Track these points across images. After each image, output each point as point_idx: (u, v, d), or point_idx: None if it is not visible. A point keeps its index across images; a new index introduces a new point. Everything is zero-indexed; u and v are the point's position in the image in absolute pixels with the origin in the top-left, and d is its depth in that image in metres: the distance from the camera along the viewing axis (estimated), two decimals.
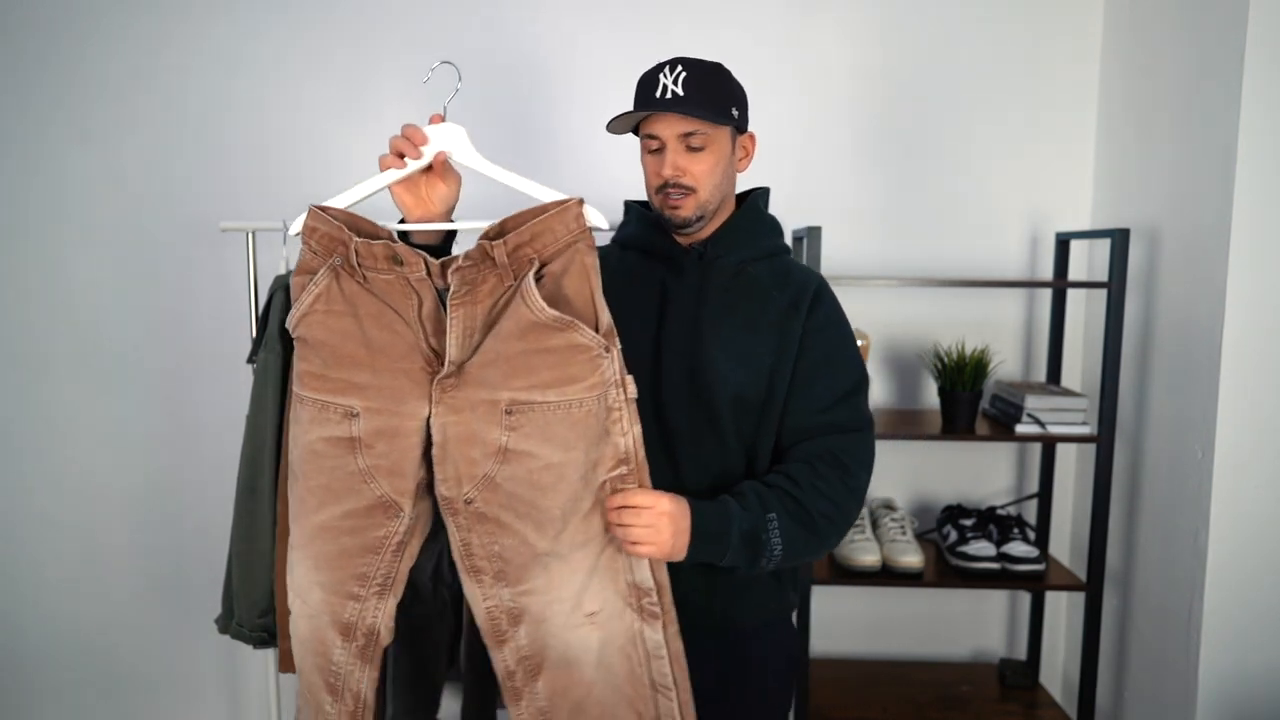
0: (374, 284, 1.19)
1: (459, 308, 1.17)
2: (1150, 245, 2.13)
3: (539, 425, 1.16)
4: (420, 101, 2.37)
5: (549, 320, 1.14)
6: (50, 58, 2.35)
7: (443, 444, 1.19)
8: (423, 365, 1.19)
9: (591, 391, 1.17)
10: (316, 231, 1.22)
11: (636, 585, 1.23)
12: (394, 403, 1.18)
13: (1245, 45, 1.77)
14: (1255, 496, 1.85)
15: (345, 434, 1.20)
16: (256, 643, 2.01)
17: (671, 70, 1.33)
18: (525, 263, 1.16)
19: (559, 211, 1.17)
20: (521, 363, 1.15)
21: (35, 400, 2.45)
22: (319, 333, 1.20)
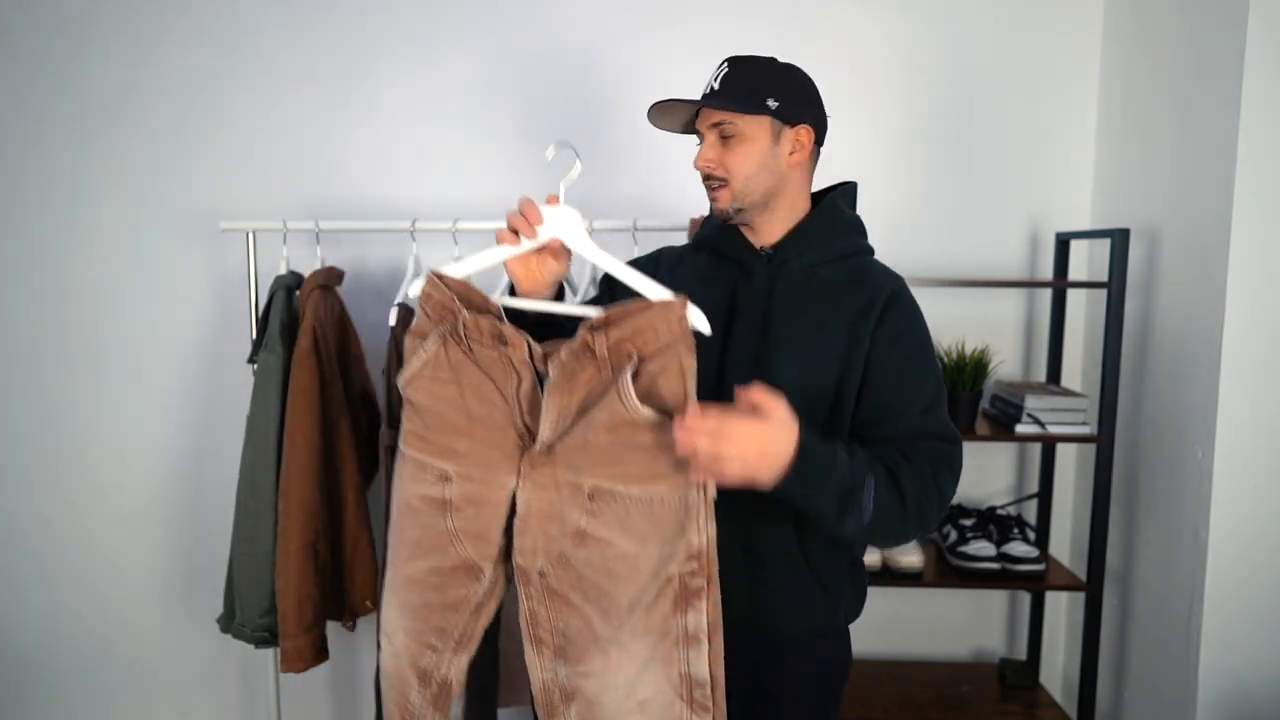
0: (478, 356, 1.24)
1: (555, 395, 1.20)
2: (1150, 245, 2.13)
3: (619, 515, 1.19)
4: (420, 101, 2.37)
5: (641, 419, 1.16)
6: (50, 57, 2.35)
7: (525, 516, 1.22)
8: (515, 439, 1.23)
9: (674, 490, 1.18)
10: (431, 298, 1.27)
11: (691, 677, 1.24)
12: (485, 471, 1.24)
13: (1245, 45, 1.77)
14: (1255, 496, 1.85)
15: (439, 495, 1.25)
16: (258, 642, 2.02)
17: (718, 68, 1.38)
18: (624, 356, 1.18)
19: (662, 310, 1.18)
20: (609, 453, 1.18)
21: (35, 400, 2.45)
22: (424, 397, 1.26)
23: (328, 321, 2.01)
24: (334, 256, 2.33)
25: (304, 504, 1.92)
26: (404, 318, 1.95)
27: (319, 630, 1.96)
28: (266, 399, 1.98)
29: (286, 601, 1.91)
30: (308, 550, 1.92)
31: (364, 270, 2.37)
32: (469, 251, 2.19)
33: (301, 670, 1.93)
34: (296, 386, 1.92)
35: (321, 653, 1.97)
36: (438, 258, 2.24)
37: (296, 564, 1.91)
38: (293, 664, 1.92)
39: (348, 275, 2.26)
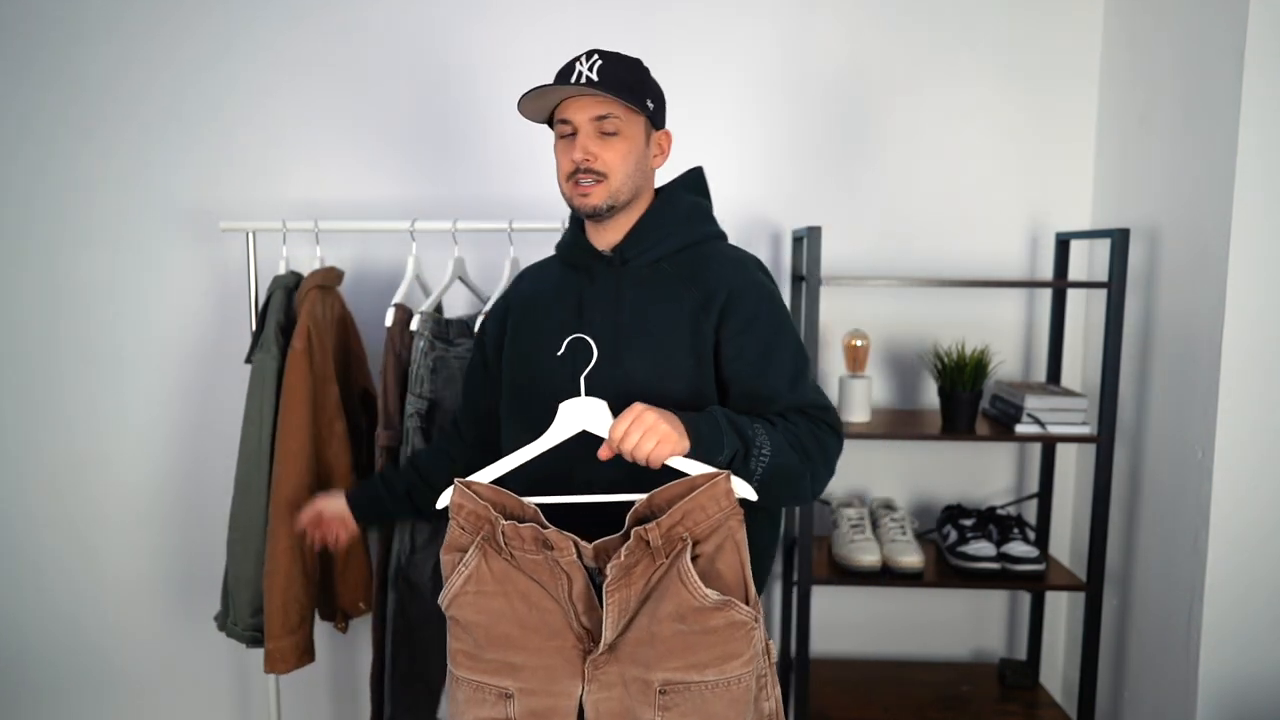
0: (522, 562, 1.20)
1: (615, 592, 1.17)
2: (1150, 245, 2.12)
3: (696, 704, 1.15)
4: (419, 101, 2.37)
5: (711, 604, 1.14)
6: (49, 57, 2.35)
7: (594, 719, 1.20)
8: (574, 642, 1.20)
9: (748, 666, 1.17)
10: (463, 509, 1.23)
11: None
12: (548, 683, 1.20)
13: (1245, 45, 1.77)
14: (1255, 496, 1.85)
15: (501, 715, 1.21)
16: (250, 642, 2.01)
17: (588, 59, 1.32)
18: (677, 541, 1.16)
19: (708, 488, 1.16)
20: (678, 643, 1.15)
21: (32, 400, 2.45)
22: (470, 614, 1.22)
23: (326, 322, 2.01)
24: (334, 256, 2.33)
25: (292, 504, 1.91)
26: (401, 319, 1.95)
27: (305, 632, 1.95)
28: (260, 399, 1.98)
29: (272, 603, 1.90)
30: (294, 551, 1.91)
31: (364, 270, 2.37)
32: (468, 251, 2.21)
33: (285, 671, 1.92)
34: (288, 388, 1.92)
35: (307, 654, 1.96)
36: (438, 258, 2.24)
37: (283, 565, 1.90)
38: (276, 665, 1.91)
39: (348, 275, 2.26)
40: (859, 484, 2.50)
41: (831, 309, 2.36)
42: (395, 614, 1.91)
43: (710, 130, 2.37)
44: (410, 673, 1.93)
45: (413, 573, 1.91)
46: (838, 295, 2.37)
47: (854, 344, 2.27)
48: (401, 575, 1.91)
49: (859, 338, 2.27)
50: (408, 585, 1.91)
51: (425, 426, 1.90)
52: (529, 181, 2.38)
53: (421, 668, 1.95)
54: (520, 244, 2.09)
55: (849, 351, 2.28)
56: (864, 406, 2.22)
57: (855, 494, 2.49)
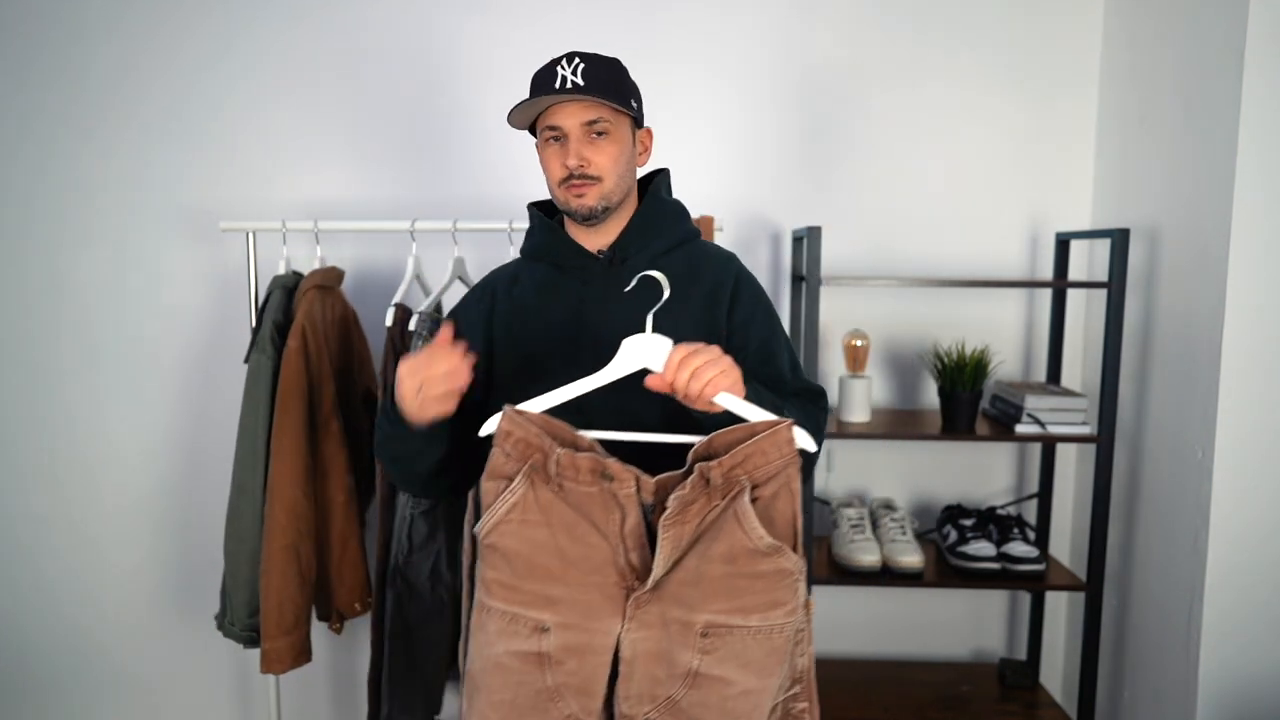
0: (571, 494, 1.18)
1: (670, 528, 1.15)
2: (1150, 245, 2.12)
3: (736, 649, 1.14)
4: (418, 101, 2.37)
5: (765, 547, 1.13)
6: (49, 57, 2.35)
7: (630, 660, 1.17)
8: (617, 579, 1.18)
9: (790, 616, 1.16)
10: (511, 435, 1.19)
11: None
12: (586, 618, 1.17)
13: (1245, 45, 1.77)
14: (1255, 496, 1.85)
15: (534, 649, 1.17)
16: (246, 642, 2.01)
17: (569, 62, 1.31)
18: (735, 483, 1.15)
19: (770, 435, 1.15)
20: (725, 585, 1.14)
21: (35, 400, 2.45)
22: (512, 543, 1.18)
23: (325, 322, 2.01)
24: (334, 256, 2.33)
25: (287, 505, 1.91)
26: (401, 318, 1.95)
27: (300, 632, 1.95)
28: (256, 399, 1.98)
29: (267, 603, 1.90)
30: (289, 552, 1.91)
31: (364, 270, 2.37)
32: (468, 251, 2.21)
33: (280, 672, 1.93)
34: (283, 387, 1.92)
35: (303, 655, 1.96)
36: (438, 258, 2.24)
37: (278, 565, 1.90)
38: (271, 665, 1.91)
39: (348, 275, 2.26)
40: (859, 484, 2.50)
41: (831, 309, 2.36)
42: (393, 614, 1.91)
43: (710, 130, 2.37)
44: (408, 672, 1.93)
45: (410, 572, 1.91)
46: (838, 295, 2.37)
47: (854, 344, 2.27)
48: (399, 575, 1.91)
49: (859, 338, 2.27)
50: (406, 585, 1.91)
51: None
52: (529, 181, 2.37)
53: (419, 667, 1.95)
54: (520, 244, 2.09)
55: (849, 351, 2.28)
56: (864, 406, 2.22)
57: (855, 494, 2.49)
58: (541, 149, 1.37)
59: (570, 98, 1.29)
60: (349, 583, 2.06)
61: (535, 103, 1.32)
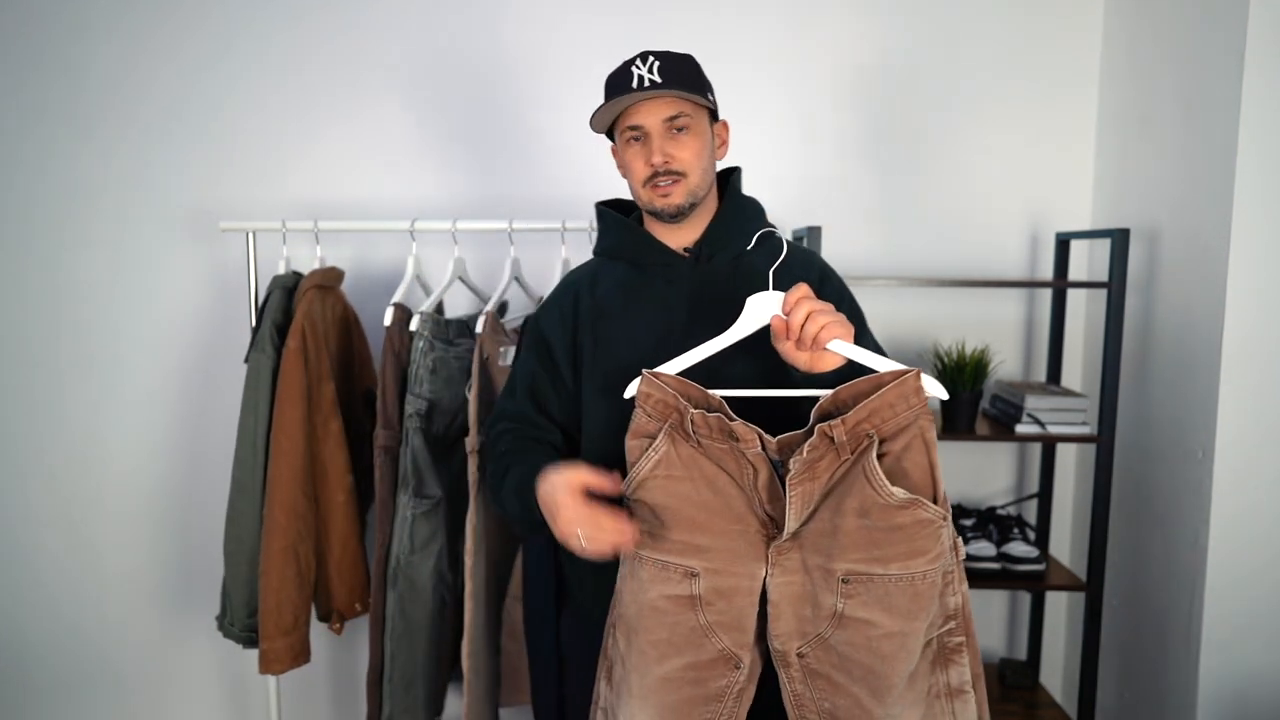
0: (709, 450, 1.22)
1: (798, 485, 1.17)
2: (1150, 245, 2.12)
3: (879, 595, 1.16)
4: (419, 101, 2.37)
5: (895, 501, 1.13)
6: (49, 57, 2.35)
7: (777, 602, 1.21)
8: (758, 527, 1.21)
9: (934, 563, 1.17)
10: (651, 397, 1.24)
11: None
12: (732, 564, 1.21)
13: (1245, 45, 1.77)
14: (1255, 496, 1.85)
15: (686, 592, 1.22)
16: (245, 642, 2.01)
17: (644, 61, 1.31)
18: (862, 438, 1.15)
19: (897, 385, 1.14)
20: (863, 537, 1.15)
21: (35, 400, 2.45)
22: (659, 497, 1.23)
23: (325, 322, 2.01)
24: (334, 256, 2.33)
25: (286, 506, 1.91)
26: (400, 318, 1.95)
27: (299, 633, 1.95)
28: (255, 399, 1.98)
29: (266, 603, 1.90)
30: (288, 552, 1.91)
31: (364, 270, 2.37)
32: (468, 251, 2.21)
33: (279, 672, 1.93)
34: (282, 387, 1.92)
35: (301, 655, 1.96)
36: (438, 258, 2.24)
37: (277, 566, 1.90)
38: (270, 666, 1.91)
39: (348, 275, 2.26)
40: None
41: None
42: (395, 614, 1.91)
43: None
44: (409, 673, 1.93)
45: (412, 572, 1.91)
46: None
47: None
48: (401, 575, 1.90)
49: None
50: (408, 585, 1.91)
51: (424, 427, 1.90)
52: (529, 181, 2.38)
53: (421, 668, 1.95)
54: (520, 244, 2.09)
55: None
56: None
57: None
58: (623, 150, 1.37)
59: (650, 95, 1.29)
60: (349, 583, 2.06)
61: (616, 103, 1.32)
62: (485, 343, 1.87)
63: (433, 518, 1.92)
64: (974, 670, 1.22)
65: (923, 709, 1.21)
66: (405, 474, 1.89)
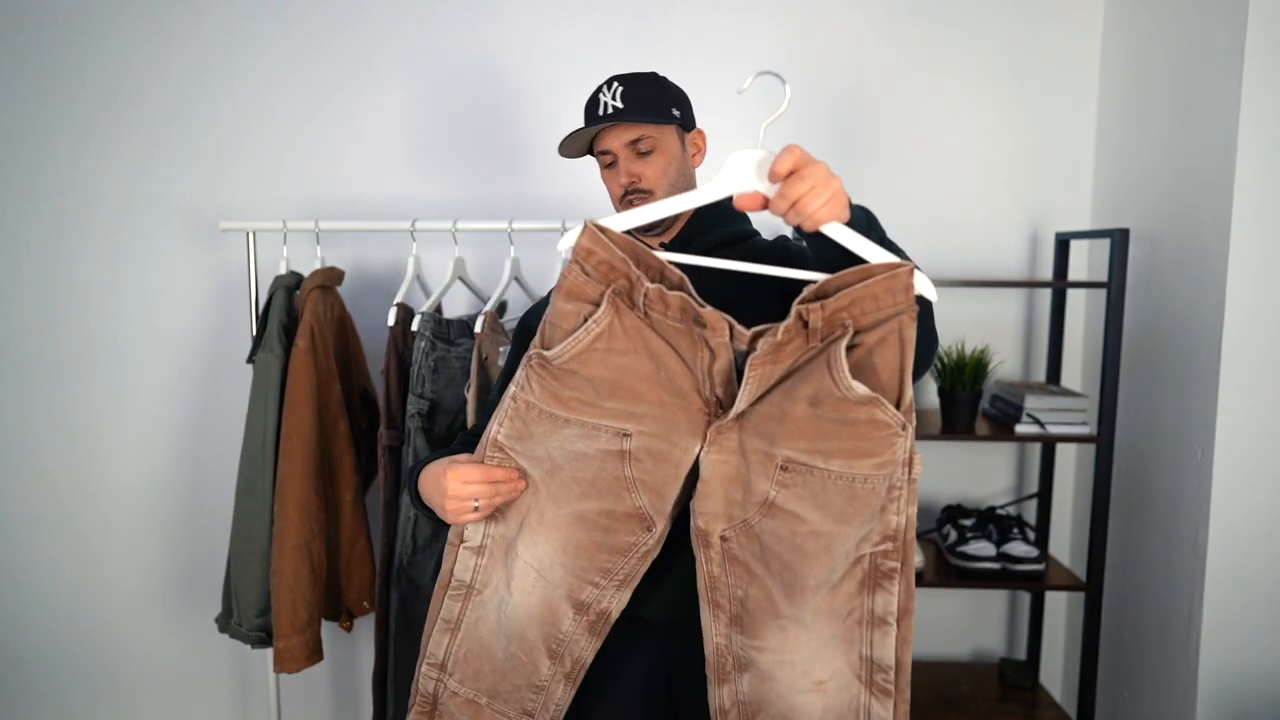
0: (658, 324, 1.16)
1: (759, 367, 1.12)
2: (1150, 245, 2.13)
3: (814, 490, 1.12)
4: (419, 101, 2.37)
5: (852, 396, 1.07)
6: (49, 58, 2.35)
7: (708, 480, 1.17)
8: (700, 406, 1.17)
9: (881, 469, 1.11)
10: (593, 255, 1.16)
11: (873, 660, 1.18)
12: (667, 433, 1.18)
13: (1245, 45, 1.77)
14: (1255, 497, 1.85)
15: (616, 448, 1.19)
16: (255, 642, 2.02)
17: (609, 88, 1.39)
18: (837, 326, 1.09)
19: (887, 278, 1.08)
20: (810, 426, 1.10)
21: (35, 400, 2.45)
22: (598, 370, 1.17)
23: (327, 321, 2.01)
24: (334, 256, 2.34)
25: (299, 504, 1.91)
26: (403, 318, 1.95)
27: (313, 631, 1.96)
28: (264, 399, 1.98)
29: (280, 602, 1.91)
30: (302, 550, 1.92)
31: (364, 270, 2.37)
32: (468, 251, 2.20)
33: (295, 671, 1.93)
34: (293, 386, 1.92)
35: (315, 653, 1.97)
36: (438, 258, 2.24)
37: (290, 564, 1.90)
38: (286, 664, 1.92)
39: (348, 275, 2.26)
40: None
41: None
42: (398, 614, 1.91)
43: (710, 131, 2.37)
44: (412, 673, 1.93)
45: (415, 572, 1.91)
46: None
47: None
48: (404, 574, 1.91)
49: None
50: (410, 584, 1.91)
51: (427, 427, 1.90)
52: (529, 181, 2.38)
53: None
54: (520, 244, 2.09)
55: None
56: None
57: None
58: (601, 173, 1.45)
59: (609, 124, 1.37)
60: (357, 581, 2.06)
61: (582, 133, 1.40)
62: (484, 342, 1.87)
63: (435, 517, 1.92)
64: (903, 604, 1.16)
65: (837, 628, 1.18)
66: (407, 474, 1.90)
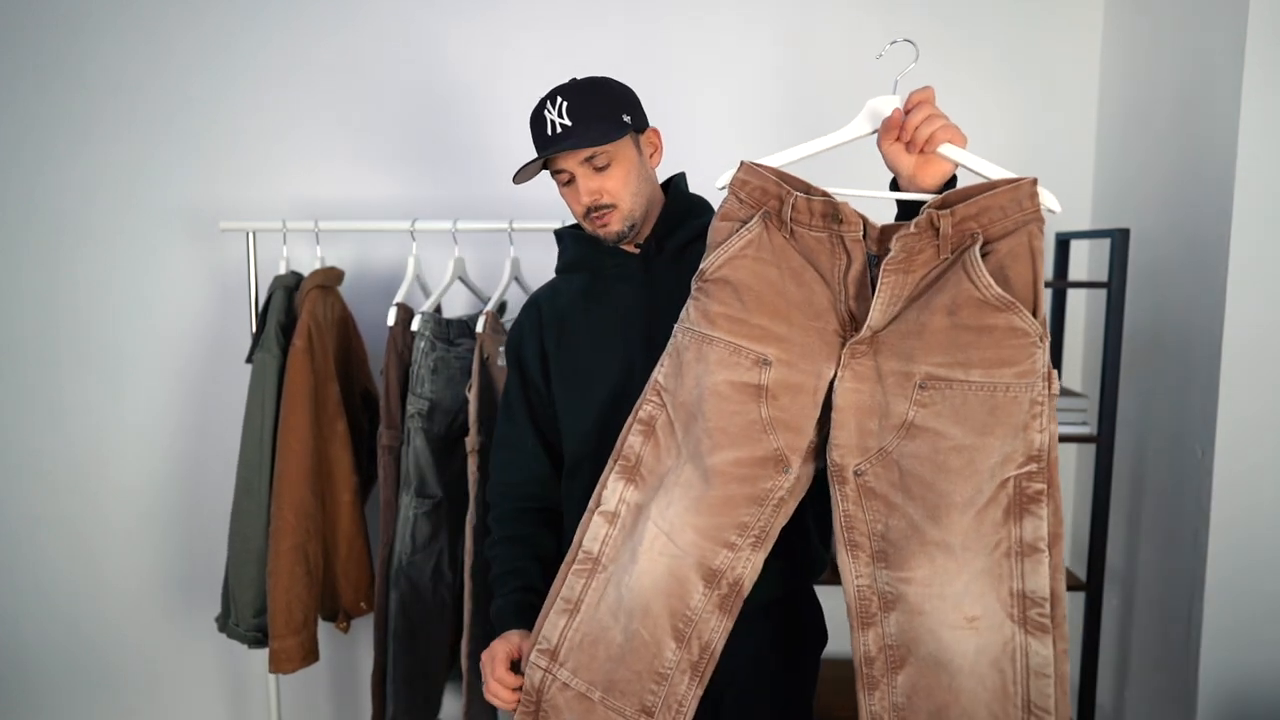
0: (801, 240, 1.19)
1: (892, 273, 1.12)
2: (1150, 245, 2.13)
3: (955, 404, 1.10)
4: (419, 101, 2.37)
5: (993, 298, 1.07)
6: (49, 59, 2.35)
7: (842, 409, 1.15)
8: (837, 327, 1.17)
9: (1021, 379, 1.09)
10: (747, 184, 1.22)
11: (1026, 595, 1.13)
12: (804, 359, 1.17)
13: (1245, 45, 1.77)
14: (1255, 496, 1.85)
15: (754, 381, 1.17)
16: (251, 642, 2.02)
17: (554, 104, 1.36)
18: (968, 237, 1.10)
19: (1011, 189, 1.10)
20: (949, 338, 1.09)
21: (35, 400, 2.45)
22: (744, 276, 1.18)
23: (326, 322, 2.01)
24: (334, 256, 2.34)
25: (295, 505, 1.91)
26: (403, 318, 1.95)
27: (309, 632, 1.96)
28: (261, 399, 1.98)
29: (275, 603, 1.91)
30: (297, 551, 1.92)
31: (364, 270, 2.37)
32: (468, 251, 2.20)
33: (290, 671, 1.93)
34: (290, 387, 1.92)
35: (311, 654, 1.97)
36: (438, 258, 2.24)
37: (286, 565, 1.90)
38: (281, 665, 1.92)
39: (348, 275, 2.26)
40: None
41: None
42: (397, 614, 1.91)
43: (710, 131, 2.37)
44: (412, 673, 1.93)
45: (414, 573, 1.91)
46: None
47: None
48: (403, 575, 1.91)
49: None
50: (410, 585, 1.91)
51: (426, 427, 1.90)
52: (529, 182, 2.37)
53: (423, 668, 1.95)
54: (520, 244, 2.09)
55: None
56: None
57: None
58: (560, 191, 1.42)
59: (555, 151, 1.34)
60: (354, 582, 2.06)
61: (533, 164, 1.38)
62: (485, 342, 1.87)
63: (434, 517, 1.92)
64: (1053, 530, 1.11)
65: (985, 560, 1.12)
66: (407, 474, 1.90)
